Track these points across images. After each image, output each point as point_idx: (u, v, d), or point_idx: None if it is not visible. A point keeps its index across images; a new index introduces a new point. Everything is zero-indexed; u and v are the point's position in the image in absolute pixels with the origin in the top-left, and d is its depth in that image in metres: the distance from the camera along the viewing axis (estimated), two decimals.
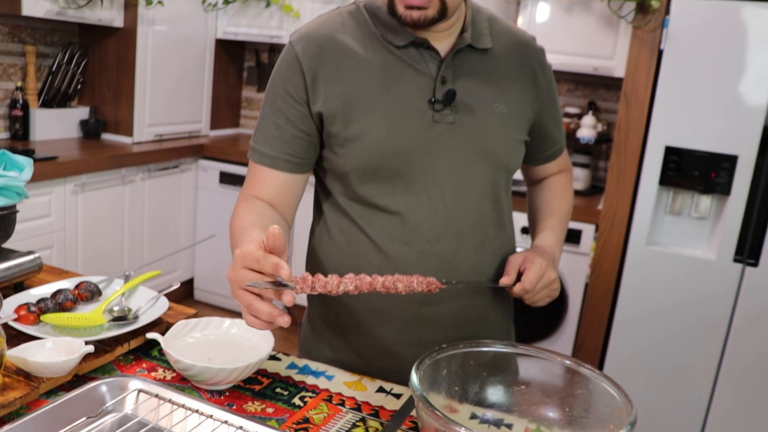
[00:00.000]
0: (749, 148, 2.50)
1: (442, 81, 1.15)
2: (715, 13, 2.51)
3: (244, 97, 4.36)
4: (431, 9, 1.07)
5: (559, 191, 1.44)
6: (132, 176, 3.25)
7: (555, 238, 1.35)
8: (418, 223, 1.18)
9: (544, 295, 1.22)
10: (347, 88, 1.15)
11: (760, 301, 2.55)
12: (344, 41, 1.17)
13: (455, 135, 1.17)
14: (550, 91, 1.31)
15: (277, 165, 1.20)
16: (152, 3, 3.30)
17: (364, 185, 1.18)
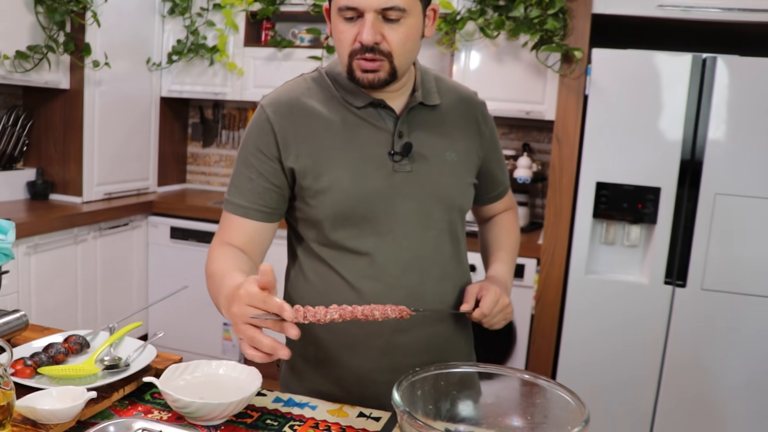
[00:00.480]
0: (670, 180, 2.74)
1: (399, 135, 1.31)
2: (631, 61, 2.76)
3: (190, 152, 4.44)
4: (382, 71, 1.23)
5: (507, 227, 1.60)
6: (84, 235, 3.28)
7: (506, 269, 1.50)
8: (386, 261, 1.32)
9: (500, 318, 1.37)
10: (315, 146, 1.30)
11: (690, 318, 2.77)
12: (310, 104, 1.32)
13: (413, 182, 1.32)
14: (492, 139, 1.48)
15: (249, 215, 1.33)
16: (99, 65, 3.38)
17: (335, 231, 1.32)
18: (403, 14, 1.20)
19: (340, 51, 1.25)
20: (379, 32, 1.19)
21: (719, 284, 2.73)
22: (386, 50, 1.21)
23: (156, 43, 3.89)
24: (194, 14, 3.81)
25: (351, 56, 1.23)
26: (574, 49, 2.84)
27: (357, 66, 1.23)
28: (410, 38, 1.23)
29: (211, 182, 4.41)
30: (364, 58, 1.21)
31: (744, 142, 2.66)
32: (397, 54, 1.22)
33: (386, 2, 1.17)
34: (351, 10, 1.19)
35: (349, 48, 1.22)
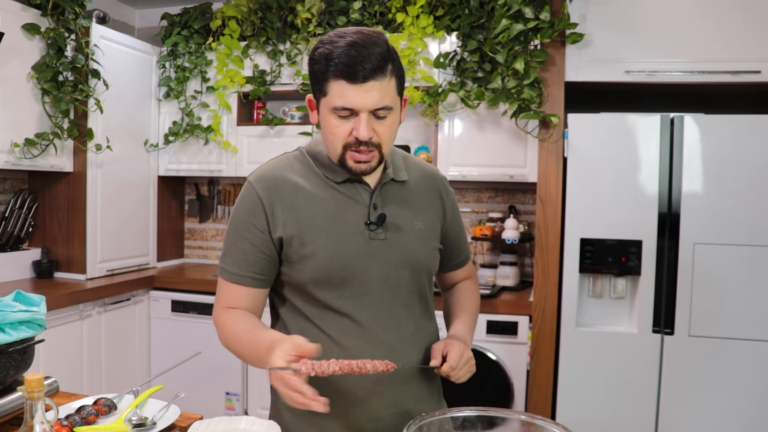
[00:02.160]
0: (650, 232, 2.89)
1: (374, 207, 1.48)
2: (604, 123, 2.95)
3: (187, 228, 4.57)
4: (374, 161, 1.40)
5: (468, 293, 1.74)
6: (89, 311, 3.37)
7: (465, 328, 1.62)
8: (366, 320, 1.46)
9: (466, 371, 1.48)
10: (300, 216, 1.45)
11: (681, 364, 2.87)
12: (294, 179, 1.48)
13: (387, 248, 1.48)
14: (454, 211, 1.66)
15: (245, 282, 1.48)
16: (101, 148, 3.54)
17: (319, 292, 1.46)
18: (390, 111, 1.36)
19: (333, 143, 1.39)
20: (371, 128, 1.35)
21: (706, 330, 2.85)
22: (377, 142, 1.37)
23: (153, 125, 4.07)
24: (189, 97, 4.00)
25: (345, 148, 1.38)
26: (550, 116, 3.04)
27: (350, 157, 1.39)
28: (394, 129, 1.41)
29: (209, 256, 4.53)
30: (358, 151, 1.37)
31: (717, 193, 2.83)
32: (384, 144, 1.39)
33: (378, 103, 1.33)
34: (346, 110, 1.33)
35: (344, 141, 1.37)
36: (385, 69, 1.32)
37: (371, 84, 1.31)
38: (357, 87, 1.31)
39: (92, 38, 3.50)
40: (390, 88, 1.34)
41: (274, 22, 3.82)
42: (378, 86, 1.32)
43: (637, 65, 3.02)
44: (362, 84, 1.30)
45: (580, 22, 3.04)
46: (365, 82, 1.30)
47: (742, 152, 2.81)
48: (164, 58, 4.02)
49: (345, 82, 1.31)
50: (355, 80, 1.30)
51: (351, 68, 1.29)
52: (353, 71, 1.29)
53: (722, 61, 2.94)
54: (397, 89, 1.38)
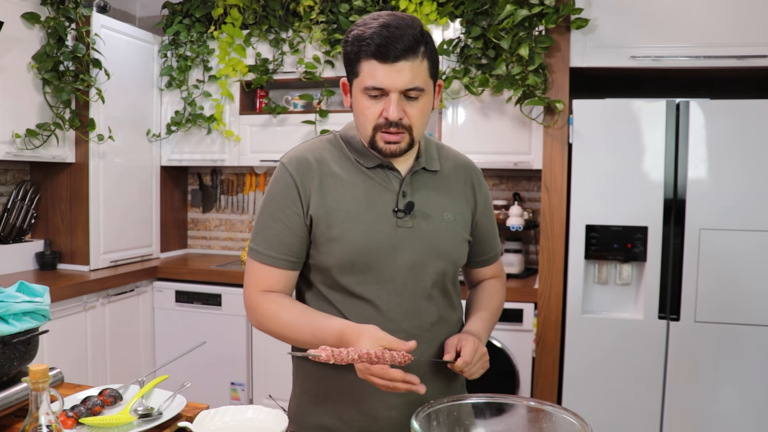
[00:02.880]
0: (655, 218, 2.87)
1: (403, 195, 1.46)
2: (609, 109, 2.93)
3: (190, 218, 4.56)
4: (403, 143, 1.39)
5: (491, 292, 1.69)
6: (93, 302, 3.36)
7: (483, 325, 1.57)
8: (387, 307, 1.45)
9: (479, 367, 1.43)
10: (329, 199, 1.44)
11: (687, 350, 2.86)
12: (326, 161, 1.47)
13: (414, 237, 1.46)
14: (486, 205, 1.62)
15: (278, 264, 1.46)
16: (103, 139, 3.53)
17: (342, 276, 1.45)
18: (422, 93, 1.36)
19: (363, 124, 1.40)
20: (402, 109, 1.35)
21: (711, 316, 2.84)
22: (407, 124, 1.37)
23: (155, 115, 4.06)
24: (191, 86, 3.98)
25: (375, 129, 1.38)
26: (555, 102, 3.01)
27: (380, 138, 1.38)
28: (426, 113, 1.40)
29: (212, 246, 4.52)
30: (388, 132, 1.37)
31: (722, 179, 2.81)
32: (415, 127, 1.39)
33: (409, 84, 1.33)
34: (377, 89, 1.34)
35: (374, 122, 1.37)
36: (417, 50, 1.33)
37: (402, 64, 1.31)
38: (388, 67, 1.31)
39: (93, 27, 3.47)
40: (422, 69, 1.34)
41: (276, 10, 3.79)
42: (409, 67, 1.32)
43: (642, 50, 2.99)
44: (393, 64, 1.31)
45: (585, 8, 3.01)
46: (396, 62, 1.31)
47: (748, 137, 2.79)
48: (166, 47, 4.00)
49: (376, 61, 1.32)
50: (386, 60, 1.31)
51: (383, 48, 1.30)
52: (385, 51, 1.30)
53: (728, 45, 2.92)
54: (430, 72, 1.37)
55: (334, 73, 3.72)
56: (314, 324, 1.38)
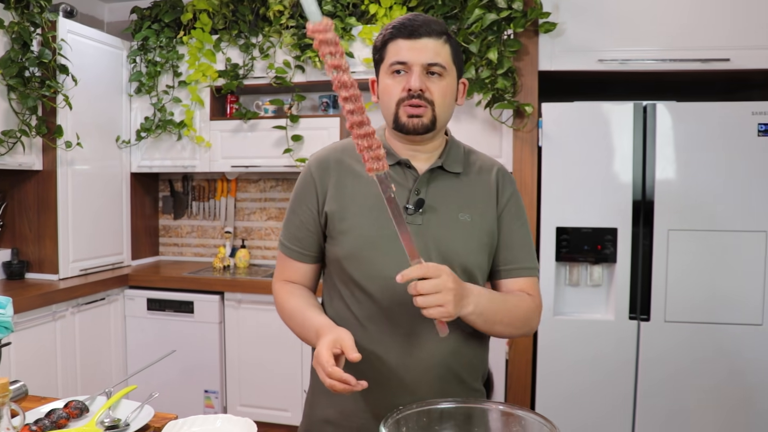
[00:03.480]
0: (625, 220, 2.90)
1: (416, 192, 1.47)
2: (578, 112, 2.96)
3: (162, 225, 4.52)
4: (426, 117, 1.42)
5: (516, 297, 1.50)
6: (62, 312, 3.31)
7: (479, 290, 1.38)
8: (390, 304, 1.44)
9: (435, 300, 1.24)
10: (344, 194, 1.49)
11: (657, 349, 2.90)
12: (346, 160, 1.52)
13: (421, 234, 1.45)
14: (509, 208, 1.54)
15: (293, 255, 1.56)
16: (71, 146, 3.48)
17: (352, 269, 1.47)
18: (444, 71, 1.41)
19: (387, 103, 1.45)
20: (425, 83, 1.40)
21: (681, 315, 2.88)
22: (429, 98, 1.41)
23: (125, 121, 4.02)
24: (160, 92, 3.95)
25: (398, 104, 1.42)
26: (524, 105, 3.04)
27: (403, 112, 1.42)
28: (448, 93, 1.44)
29: (184, 253, 4.48)
30: (411, 104, 1.40)
31: (689, 180, 2.85)
32: (438, 103, 1.42)
33: (431, 59, 1.40)
34: (401, 64, 1.40)
35: (398, 97, 1.42)
36: (440, 33, 1.42)
37: (425, 41, 1.40)
38: (411, 42, 1.40)
39: (59, 32, 3.43)
40: (444, 51, 1.42)
41: (246, 15, 3.78)
42: (432, 44, 1.40)
43: (610, 54, 3.02)
44: (417, 40, 1.40)
45: (553, 12, 3.04)
46: (419, 38, 1.40)
47: (713, 139, 2.83)
48: (135, 52, 3.96)
49: (401, 39, 1.41)
50: (410, 36, 1.40)
51: (406, 27, 1.40)
52: (409, 28, 1.40)
53: (693, 49, 2.96)
54: (453, 58, 1.44)
55: (305, 78, 3.72)
56: (305, 318, 1.43)
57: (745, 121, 2.81)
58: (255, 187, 4.29)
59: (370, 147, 1.20)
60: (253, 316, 3.59)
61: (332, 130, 3.68)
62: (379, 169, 1.21)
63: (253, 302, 3.58)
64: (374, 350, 1.45)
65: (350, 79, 1.16)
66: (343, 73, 1.15)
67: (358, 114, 1.18)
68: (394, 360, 1.44)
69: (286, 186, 4.22)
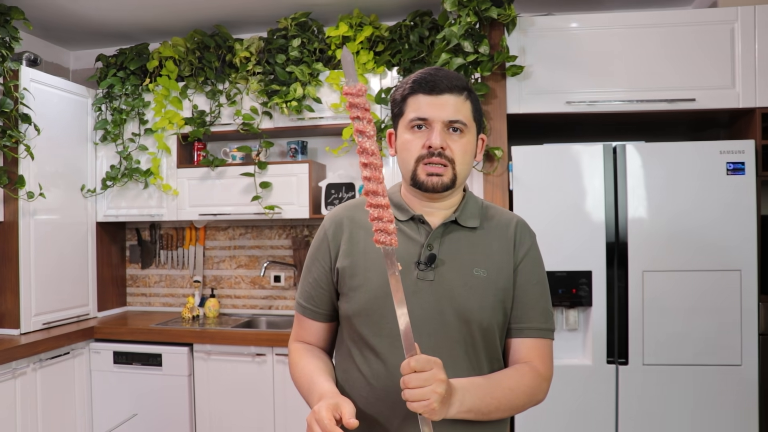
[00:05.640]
0: (599, 262, 2.87)
1: (428, 247, 1.43)
2: (548, 154, 2.95)
3: (129, 275, 4.41)
4: (446, 176, 1.39)
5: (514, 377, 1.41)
6: (23, 368, 3.18)
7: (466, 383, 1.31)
8: (396, 363, 1.38)
9: (421, 394, 1.18)
10: (356, 251, 1.45)
11: (637, 393, 2.85)
12: (360, 217, 1.49)
13: (433, 291, 1.40)
14: (526, 266, 1.47)
15: (306, 314, 1.55)
16: (34, 196, 3.39)
17: (361, 326, 1.43)
18: (465, 128, 1.39)
19: (406, 159, 1.42)
20: (445, 140, 1.37)
21: (659, 358, 2.84)
22: (450, 157, 1.38)
23: (90, 170, 3.94)
24: (126, 140, 3.88)
25: (418, 161, 1.39)
26: (494, 149, 3.02)
27: (422, 170, 1.39)
28: (468, 151, 1.41)
29: (153, 303, 4.37)
30: (431, 162, 1.37)
31: (661, 220, 2.84)
32: (458, 162, 1.39)
33: (453, 116, 1.38)
34: (422, 120, 1.38)
35: (417, 153, 1.39)
36: (462, 89, 1.40)
37: (447, 97, 1.38)
38: (432, 98, 1.38)
39: (21, 81, 3.36)
40: (465, 107, 1.40)
41: (212, 62, 3.75)
42: (453, 101, 1.39)
43: (577, 96, 3.03)
44: (438, 96, 1.38)
45: (520, 55, 3.04)
46: (441, 94, 1.38)
47: (682, 178, 2.83)
48: (100, 100, 3.90)
49: (422, 94, 1.39)
50: (431, 92, 1.38)
51: (428, 83, 1.39)
52: (431, 84, 1.39)
53: (659, 89, 2.98)
54: (473, 115, 1.43)
55: (272, 124, 3.68)
56: (312, 382, 1.39)
57: (713, 161, 2.82)
58: (224, 234, 4.21)
59: (381, 219, 1.19)
60: (224, 368, 3.49)
61: (301, 176, 3.63)
62: (386, 243, 1.19)
63: (222, 353, 3.48)
64: (381, 410, 1.40)
65: (372, 147, 1.17)
66: (367, 140, 1.17)
67: (374, 183, 1.18)
68: (401, 420, 1.38)
69: (256, 233, 4.15)
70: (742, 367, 2.80)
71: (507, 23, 2.99)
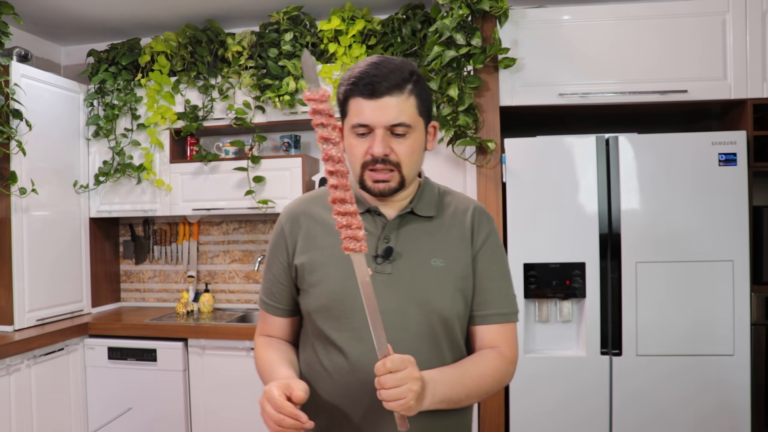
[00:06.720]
0: (592, 254, 2.88)
1: (385, 240, 1.42)
2: (541, 146, 2.95)
3: (123, 271, 4.40)
4: (393, 181, 1.37)
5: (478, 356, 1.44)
6: (17, 365, 3.18)
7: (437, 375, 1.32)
8: (359, 356, 1.38)
9: (398, 393, 1.19)
10: (314, 246, 1.44)
11: (630, 384, 2.86)
12: (317, 211, 1.48)
13: (392, 284, 1.39)
14: (486, 253, 1.47)
15: (269, 310, 1.55)
16: (26, 192, 3.38)
17: (322, 322, 1.43)
18: (409, 129, 1.34)
19: (352, 163, 1.39)
20: (389, 145, 1.33)
21: (653, 349, 2.85)
22: (395, 161, 1.35)
23: (82, 165, 3.93)
24: (119, 135, 3.87)
25: (363, 167, 1.36)
26: (487, 141, 3.02)
27: (368, 177, 1.37)
28: (415, 151, 1.37)
29: (146, 299, 4.36)
30: (374, 169, 1.35)
31: (654, 211, 2.85)
32: (404, 164, 1.36)
33: (394, 119, 1.32)
34: (363, 126, 1.34)
35: (362, 160, 1.36)
36: (403, 87, 1.33)
37: (387, 100, 1.32)
38: (372, 102, 1.32)
39: (12, 77, 3.35)
40: (408, 106, 1.34)
41: (204, 56, 3.74)
42: (395, 103, 1.32)
43: (570, 88, 3.03)
44: (378, 99, 1.32)
45: (512, 47, 3.04)
46: (381, 97, 1.31)
47: (674, 169, 2.84)
48: (92, 95, 3.89)
49: (361, 98, 1.33)
50: (370, 95, 1.32)
51: (368, 85, 1.31)
52: (369, 87, 1.31)
53: (651, 81, 2.99)
54: (419, 110, 1.37)
55: (265, 118, 3.67)
56: (272, 372, 1.39)
57: (706, 152, 2.82)
58: (218, 229, 4.21)
59: (350, 226, 1.17)
60: (218, 363, 3.49)
61: (294, 170, 3.63)
62: (355, 250, 1.17)
63: (217, 348, 3.48)
64: (344, 403, 1.40)
65: (338, 155, 1.14)
66: (333, 147, 1.13)
67: (341, 190, 1.15)
68: (363, 413, 1.38)
69: (250, 228, 4.15)
70: (734, 357, 2.81)
71: (499, 15, 2.99)
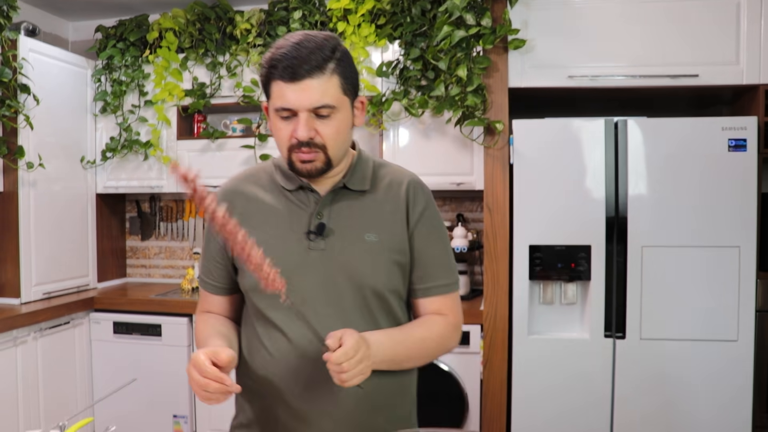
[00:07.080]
0: (598, 237, 2.88)
1: (318, 216, 1.42)
2: (549, 128, 2.94)
3: (129, 246, 4.42)
4: (318, 161, 1.36)
5: (420, 321, 1.50)
6: (24, 337, 3.20)
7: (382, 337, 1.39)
8: (296, 334, 1.40)
9: (358, 371, 1.25)
10: (248, 225, 1.37)
11: (634, 368, 2.86)
12: (251, 189, 1.48)
13: (326, 260, 1.40)
14: (422, 223, 1.48)
15: (207, 288, 1.57)
16: (33, 166, 3.39)
17: (258, 300, 1.44)
18: (333, 110, 1.32)
19: (279, 145, 1.38)
20: (313, 128, 1.32)
21: (656, 333, 2.85)
22: (320, 143, 1.33)
23: (89, 141, 3.93)
24: (126, 111, 3.87)
25: (290, 150, 1.35)
26: (495, 122, 3.01)
27: (296, 158, 1.35)
28: (341, 131, 1.36)
29: (152, 275, 4.38)
30: (301, 152, 1.33)
31: (661, 195, 2.84)
32: (330, 146, 1.35)
33: (317, 102, 1.30)
34: (286, 110, 1.31)
35: (288, 143, 1.34)
36: (324, 67, 1.30)
37: (308, 82, 1.29)
38: (294, 86, 1.29)
39: (20, 51, 3.34)
40: (331, 86, 1.31)
41: (212, 34, 3.72)
42: (316, 84, 1.29)
43: (579, 70, 3.01)
44: (299, 82, 1.29)
45: (522, 28, 3.02)
46: (302, 80, 1.29)
47: (683, 154, 2.83)
48: (99, 71, 3.88)
49: (282, 82, 1.30)
50: (291, 79, 1.29)
51: (288, 68, 1.28)
52: (290, 71, 1.28)
53: (662, 65, 2.96)
54: (342, 89, 1.34)
55: None
56: (207, 345, 1.40)
57: (715, 137, 2.81)
58: None
59: (262, 270, 1.20)
60: None
61: None
62: (277, 289, 1.21)
63: None
64: (283, 379, 1.41)
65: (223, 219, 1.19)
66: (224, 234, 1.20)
67: (239, 249, 1.20)
68: (302, 389, 1.40)
69: None
70: (738, 342, 2.81)
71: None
